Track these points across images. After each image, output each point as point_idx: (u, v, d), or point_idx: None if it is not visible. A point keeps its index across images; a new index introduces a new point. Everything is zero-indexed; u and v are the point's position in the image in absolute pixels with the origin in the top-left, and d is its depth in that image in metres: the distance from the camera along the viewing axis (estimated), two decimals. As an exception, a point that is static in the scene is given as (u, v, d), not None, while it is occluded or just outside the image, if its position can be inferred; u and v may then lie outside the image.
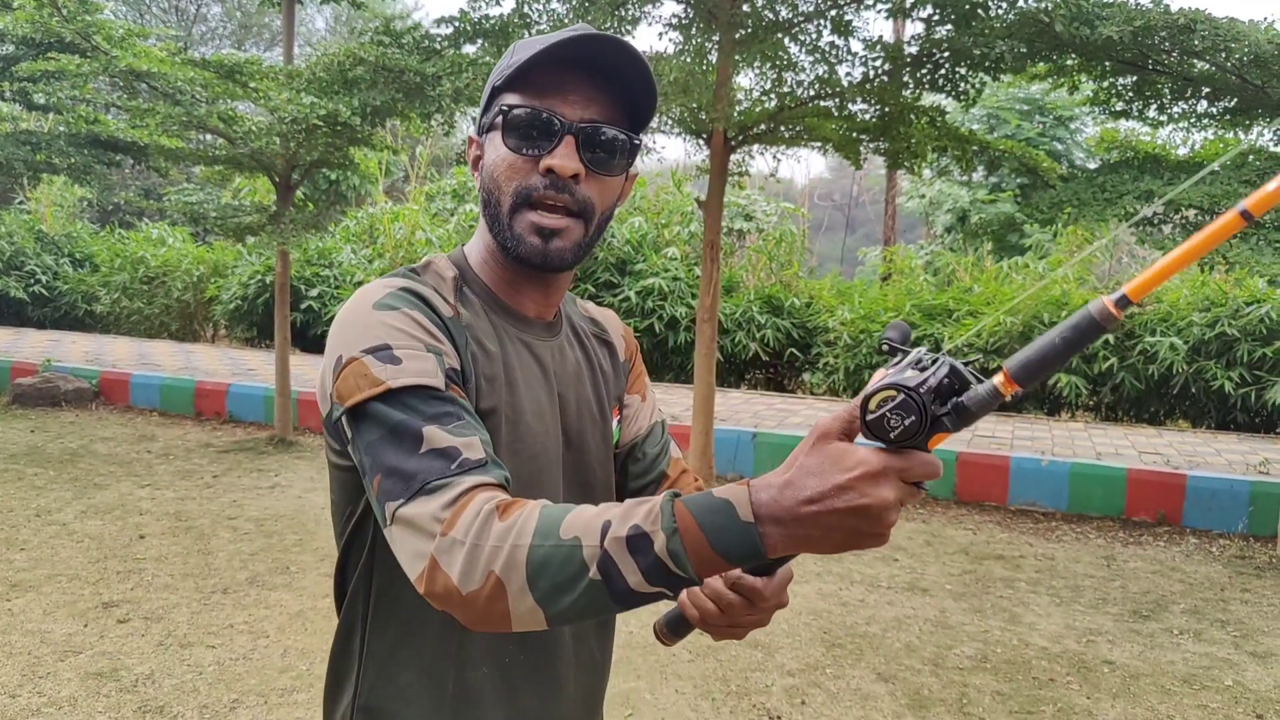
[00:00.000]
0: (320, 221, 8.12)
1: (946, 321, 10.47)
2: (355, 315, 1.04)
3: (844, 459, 0.81)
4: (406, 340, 1.01)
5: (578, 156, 1.09)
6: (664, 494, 0.87)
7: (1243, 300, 9.19)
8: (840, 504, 0.80)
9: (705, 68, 6.36)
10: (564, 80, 1.10)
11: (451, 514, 0.89)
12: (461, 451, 0.94)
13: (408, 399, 0.97)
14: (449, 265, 1.19)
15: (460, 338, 1.09)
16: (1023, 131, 16.20)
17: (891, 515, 0.81)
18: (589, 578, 0.84)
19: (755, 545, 0.82)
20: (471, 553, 0.87)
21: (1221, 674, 4.11)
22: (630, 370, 1.40)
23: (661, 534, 0.83)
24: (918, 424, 0.80)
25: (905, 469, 0.81)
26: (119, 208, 22.03)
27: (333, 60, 7.04)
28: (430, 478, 0.92)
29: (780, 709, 3.66)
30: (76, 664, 3.82)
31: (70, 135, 9.94)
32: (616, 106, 1.13)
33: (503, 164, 1.11)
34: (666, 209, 13.56)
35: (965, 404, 0.81)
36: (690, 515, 0.83)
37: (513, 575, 0.85)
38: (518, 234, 1.11)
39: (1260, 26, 5.17)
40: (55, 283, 16.26)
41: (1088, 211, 5.47)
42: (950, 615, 4.72)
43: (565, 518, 0.87)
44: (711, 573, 0.84)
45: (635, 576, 0.83)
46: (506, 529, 0.87)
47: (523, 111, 1.09)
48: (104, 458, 7.43)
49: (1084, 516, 6.58)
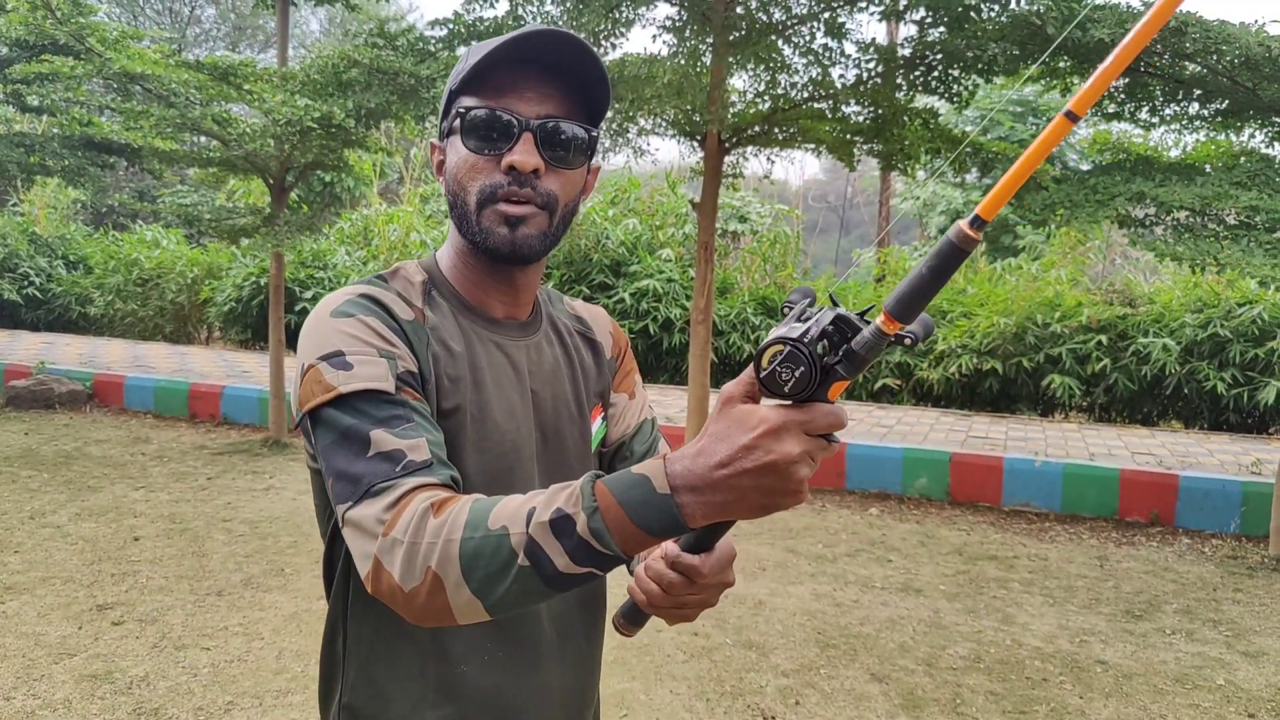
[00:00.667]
0: (315, 223, 8.12)
1: (940, 323, 10.50)
2: (315, 324, 1.08)
3: (747, 419, 0.83)
4: (359, 346, 1.04)
5: (537, 152, 1.12)
6: (586, 475, 0.89)
7: (1235, 301, 9.23)
8: (749, 463, 0.82)
9: (699, 70, 6.37)
10: (519, 79, 1.12)
11: (393, 515, 0.92)
12: (406, 454, 0.97)
13: (358, 403, 1.00)
14: (418, 270, 1.22)
15: (420, 340, 1.12)
16: (1016, 133, 16.24)
17: (801, 470, 0.82)
18: (518, 564, 0.86)
19: (674, 516, 0.84)
20: (409, 551, 0.90)
21: (1214, 673, 4.13)
22: (619, 367, 1.41)
23: (583, 514, 0.85)
24: (808, 374, 0.81)
25: (807, 421, 0.82)
26: (113, 210, 21.99)
27: (327, 62, 7.04)
28: (375, 480, 0.95)
29: (774, 709, 3.67)
30: (71, 666, 3.81)
31: (64, 137, 9.94)
32: (572, 101, 1.15)
33: (465, 165, 1.13)
34: (661, 211, 13.58)
35: (854, 349, 0.81)
36: (610, 493, 0.85)
37: (448, 569, 0.88)
38: (485, 227, 1.13)
39: (1251, 29, 5.20)
40: (49, 285, 16.23)
41: (1080, 213, 5.49)
42: (944, 616, 4.73)
43: (494, 509, 0.89)
44: (637, 548, 0.86)
45: (562, 558, 0.86)
46: (439, 525, 0.89)
47: (481, 112, 1.12)
48: (98, 460, 7.43)
49: (1077, 517, 6.61)
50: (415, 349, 1.10)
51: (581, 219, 12.92)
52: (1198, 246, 5.10)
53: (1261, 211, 5.08)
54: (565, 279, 12.40)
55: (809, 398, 0.82)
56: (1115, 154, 6.59)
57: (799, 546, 5.77)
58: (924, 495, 7.02)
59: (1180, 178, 5.59)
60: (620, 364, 1.42)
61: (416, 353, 1.10)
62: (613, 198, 13.86)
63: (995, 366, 9.75)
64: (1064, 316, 9.78)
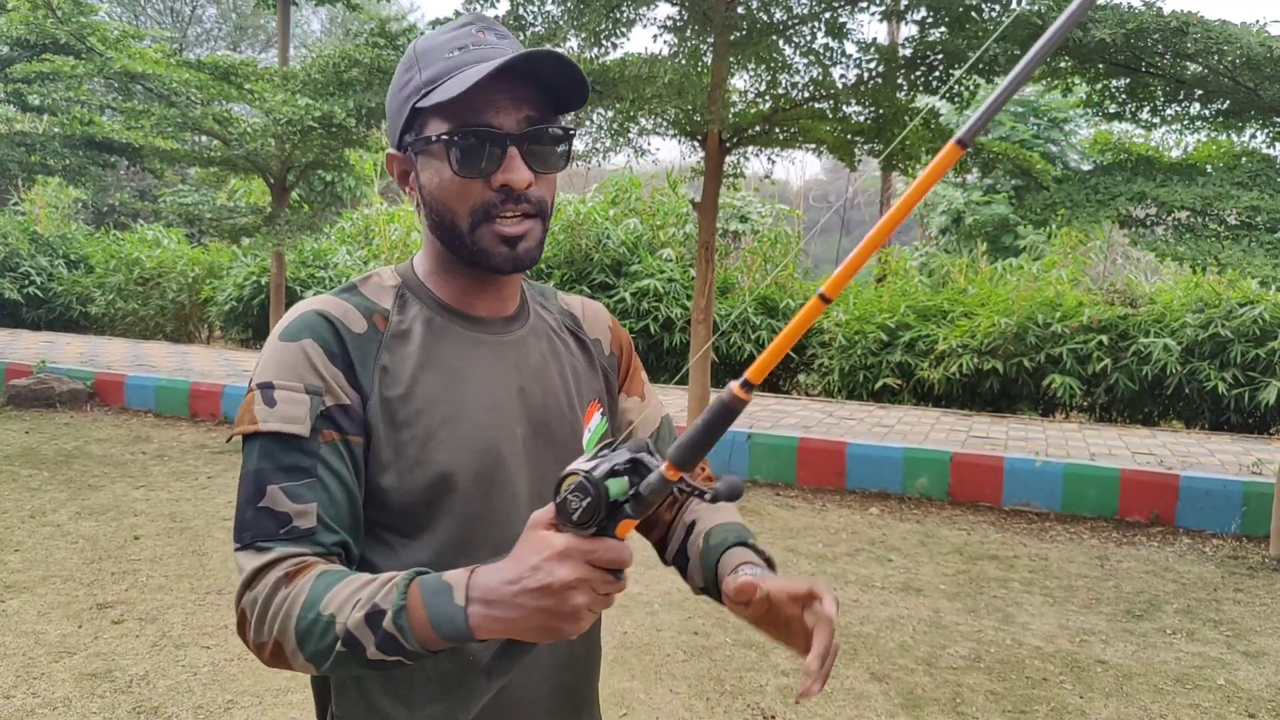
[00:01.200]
0: (315, 223, 8.13)
1: (941, 323, 10.49)
2: (269, 342, 1.12)
3: (539, 542, 0.90)
4: (289, 379, 1.07)
5: (526, 166, 1.11)
6: (408, 571, 0.96)
7: (1236, 301, 9.22)
8: (531, 583, 0.89)
9: (700, 70, 6.38)
10: (491, 88, 1.09)
11: (260, 576, 1.01)
12: (292, 519, 1.03)
13: (269, 446, 1.05)
14: (393, 275, 1.22)
15: (366, 354, 1.12)
16: (1017, 133, 16.23)
17: (577, 597, 0.89)
18: (338, 650, 0.95)
19: (460, 626, 0.92)
20: (260, 614, 0.99)
21: (1214, 673, 4.13)
22: (621, 366, 1.39)
23: (390, 611, 0.93)
24: (593, 505, 0.86)
25: (590, 551, 0.89)
26: (114, 209, 21.99)
27: (328, 62, 7.05)
28: (259, 538, 1.03)
29: (774, 708, 3.67)
30: (71, 665, 3.82)
31: (65, 137, 9.94)
32: (544, 99, 1.13)
33: (452, 187, 1.12)
34: (661, 210, 13.57)
35: (641, 491, 0.87)
36: (419, 594, 0.94)
37: (286, 639, 0.98)
38: (484, 248, 1.13)
39: (1252, 29, 5.19)
40: (50, 284, 16.23)
41: (1081, 213, 5.49)
42: (944, 615, 4.73)
43: (330, 591, 0.97)
44: (436, 648, 0.94)
45: (372, 648, 0.94)
46: (284, 597, 0.98)
47: (464, 135, 1.09)
48: (99, 459, 7.43)
49: (1078, 517, 6.60)
50: (357, 369, 1.11)
51: (581, 218, 12.92)
52: (1199, 246, 5.10)
53: (1262, 212, 5.08)
54: (566, 278, 12.41)
55: (598, 530, 0.88)
56: (1116, 154, 6.58)
57: (799, 546, 5.77)
58: (924, 495, 7.02)
59: (1181, 178, 5.59)
60: (624, 362, 1.40)
61: (357, 374, 1.11)
62: (614, 197, 13.86)
63: (996, 366, 9.75)
64: (1065, 316, 9.77)
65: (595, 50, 6.32)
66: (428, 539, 1.13)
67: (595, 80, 6.23)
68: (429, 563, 1.11)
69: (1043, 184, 6.46)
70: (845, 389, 10.81)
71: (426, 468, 1.11)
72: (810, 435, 7.69)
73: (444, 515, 1.13)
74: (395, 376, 1.13)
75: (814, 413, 9.42)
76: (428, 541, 1.13)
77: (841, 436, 7.75)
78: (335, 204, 17.02)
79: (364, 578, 0.98)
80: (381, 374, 1.12)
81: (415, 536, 1.13)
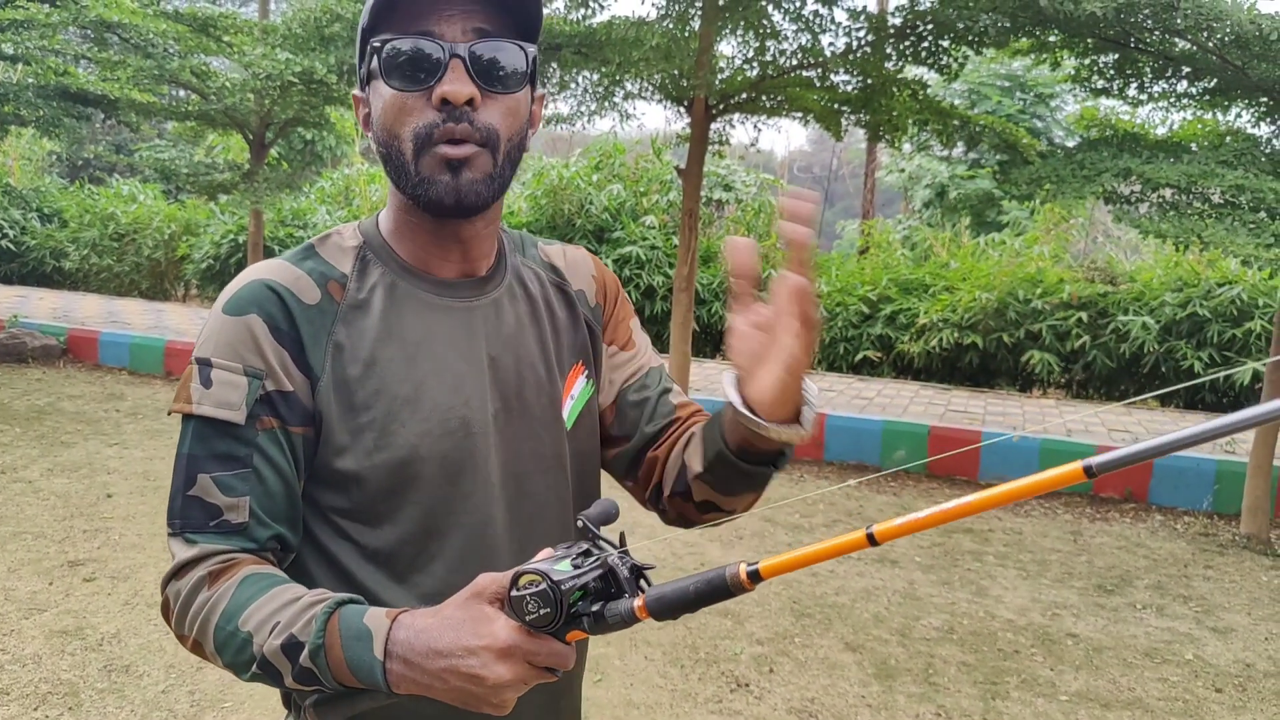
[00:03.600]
0: (295, 181, 8.02)
1: (922, 296, 10.51)
2: (212, 312, 1.05)
3: (481, 624, 0.85)
4: (229, 358, 1.01)
5: (470, 79, 0.99)
6: (327, 603, 0.91)
7: (1215, 281, 9.28)
8: (462, 666, 0.84)
9: (687, 34, 6.29)
10: (436, 1, 1.00)
11: (186, 569, 0.98)
12: (223, 512, 0.99)
13: (203, 430, 1.00)
14: (354, 234, 1.12)
15: (319, 330, 1.04)
16: (1003, 108, 16.20)
17: (506, 693, 0.85)
18: (254, 669, 0.92)
19: (377, 679, 0.87)
20: (181, 609, 0.98)
21: (1182, 648, 4.18)
22: (605, 315, 1.27)
23: (308, 646, 0.89)
24: (551, 615, 0.82)
25: (534, 653, 0.84)
26: (89, 163, 21.64)
27: (309, 16, 6.92)
28: (189, 527, 0.99)
29: (748, 676, 3.68)
30: (41, 622, 3.78)
31: (39, 87, 9.72)
32: (501, 17, 1.02)
33: (392, 109, 1.01)
34: (645, 177, 13.48)
35: (604, 614, 0.84)
36: (338, 634, 0.89)
37: (205, 641, 0.96)
38: (425, 176, 1.01)
39: (1243, 7, 5.17)
40: (23, 238, 15.98)
41: (1066, 188, 5.48)
42: (918, 587, 4.76)
43: (250, 606, 0.93)
44: (354, 686, 0.90)
45: (288, 677, 0.91)
46: (205, 600, 0.95)
47: (400, 44, 1.00)
48: (71, 415, 7.34)
49: (1053, 492, 6.65)
50: (307, 347, 1.03)
51: (564, 183, 12.82)
52: (1182, 224, 5.11)
53: (1246, 191, 5.08)
54: (548, 244, 12.33)
55: (549, 632, 0.84)
56: (1102, 130, 6.57)
57: (776, 516, 5.79)
58: (902, 468, 7.05)
59: (1167, 155, 5.58)
60: (608, 310, 1.27)
61: (307, 352, 1.03)
62: (597, 163, 13.75)
63: (976, 341, 9.78)
64: (1045, 293, 9.80)
65: (582, 11, 6.23)
66: (390, 528, 1.05)
67: (582, 42, 6.14)
68: (393, 552, 1.05)
69: (1028, 159, 6.44)
70: (825, 361, 10.83)
71: (387, 452, 1.03)
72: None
73: (408, 503, 1.05)
74: (352, 353, 1.04)
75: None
76: (390, 530, 1.05)
77: (820, 408, 7.75)
78: (315, 163, 16.82)
79: (285, 594, 0.93)
80: (335, 351, 1.04)
81: (377, 525, 1.05)
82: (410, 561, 1.06)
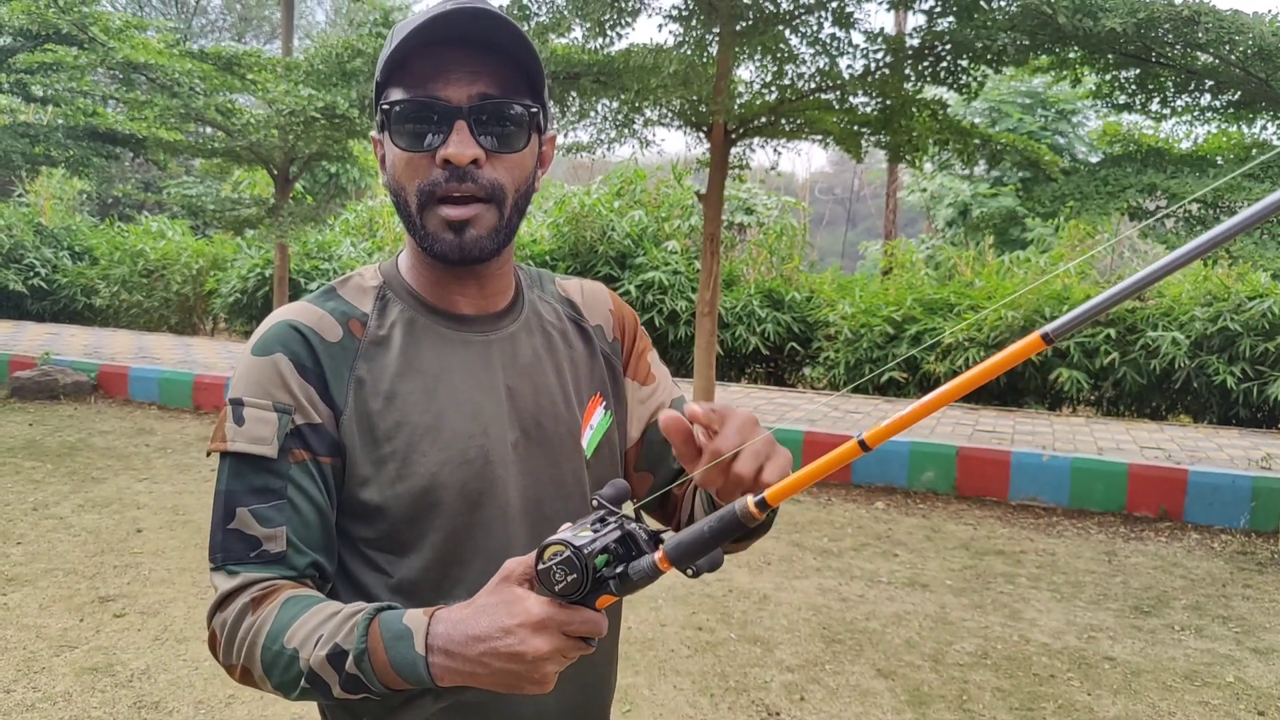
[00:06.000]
0: (319, 214, 8.10)
1: (948, 316, 10.44)
2: (243, 355, 1.09)
3: (514, 604, 0.88)
4: (259, 396, 1.05)
5: (474, 140, 1.04)
6: (367, 610, 0.95)
7: (1245, 295, 9.15)
8: (501, 647, 0.87)
9: (705, 60, 6.32)
10: (442, 61, 1.04)
11: (230, 600, 1.02)
12: (262, 543, 1.03)
13: (238, 466, 1.04)
14: (375, 275, 1.17)
15: (341, 365, 1.08)
16: (1024, 125, 16.14)
17: (547, 666, 0.88)
18: (302, 685, 0.95)
19: (421, 674, 0.90)
20: (228, 638, 1.01)
21: (1223, 670, 4.09)
22: (624, 350, 1.30)
23: (352, 653, 0.92)
24: (579, 581, 0.85)
25: (567, 623, 0.87)
26: (118, 201, 21.97)
27: (331, 52, 7.01)
28: (230, 559, 1.03)
29: (779, 705, 3.63)
30: (72, 659, 3.80)
31: (68, 127, 9.91)
32: (507, 77, 1.06)
33: (400, 164, 1.07)
34: (666, 202, 13.51)
35: (629, 573, 0.87)
36: (379, 637, 0.92)
37: (253, 667, 0.99)
38: (430, 232, 1.07)
39: (1265, 19, 5.13)
40: (54, 276, 16.22)
41: (1090, 205, 5.44)
42: (950, 611, 4.70)
43: (293, 624, 0.96)
44: (402, 689, 0.93)
45: (336, 687, 0.94)
46: (250, 625, 0.99)
47: (406, 105, 1.04)
48: (102, 451, 7.41)
49: (1085, 512, 6.56)
50: (330, 382, 1.07)
51: (586, 210, 12.88)
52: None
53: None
54: (570, 270, 12.37)
55: (578, 601, 0.88)
56: (1125, 146, 6.53)
57: (804, 540, 5.74)
58: (930, 489, 6.98)
59: (1192, 170, 5.53)
60: (626, 345, 1.30)
61: (330, 387, 1.07)
62: (618, 189, 13.80)
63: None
64: (1072, 309, 9.70)
65: (600, 40, 6.28)
66: (415, 556, 1.09)
67: (600, 71, 6.18)
68: (418, 580, 1.09)
69: (1051, 176, 6.40)
70: (850, 382, 10.77)
71: (409, 482, 1.07)
72: (816, 429, 7.65)
73: (431, 531, 1.09)
74: (373, 388, 1.09)
75: (820, 406, 9.38)
76: (415, 559, 1.09)
77: (847, 430, 7.70)
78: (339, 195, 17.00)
79: (327, 609, 0.97)
80: (357, 386, 1.08)
81: (402, 554, 1.09)
82: (435, 588, 1.09)
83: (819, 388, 11.27)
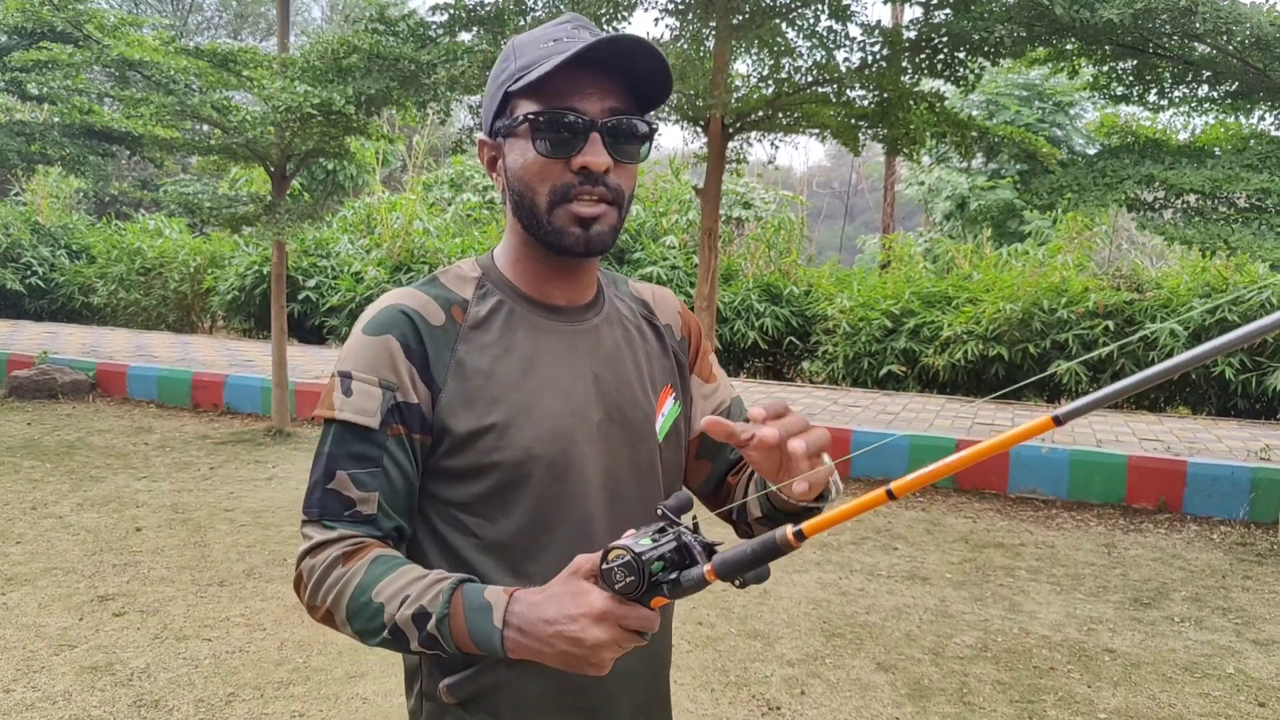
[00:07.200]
0: (316, 211, 8.07)
1: (946, 309, 10.43)
2: (353, 331, 1.21)
3: (581, 595, 1.01)
4: (366, 370, 1.17)
5: (606, 151, 1.16)
6: (452, 579, 1.08)
7: (1243, 287, 9.15)
8: (566, 631, 1.00)
9: (702, 54, 6.30)
10: (578, 77, 1.15)
11: (322, 548, 1.14)
12: (356, 505, 1.15)
13: (342, 433, 1.17)
14: (474, 267, 1.29)
15: (444, 347, 1.20)
16: (1022, 117, 16.12)
17: (604, 653, 1.00)
18: (384, 635, 1.09)
19: (495, 645, 1.04)
20: (317, 582, 1.13)
21: (1223, 662, 4.09)
22: (691, 349, 1.44)
23: (434, 617, 1.05)
24: (636, 584, 0.97)
25: (624, 617, 0.99)
26: (115, 199, 21.94)
27: (326, 48, 6.98)
28: (326, 515, 1.16)
29: (779, 699, 3.63)
30: (71, 658, 3.79)
31: (64, 126, 9.86)
32: (629, 94, 1.19)
33: (534, 167, 1.17)
34: (664, 197, 13.52)
35: (680, 580, 0.98)
36: (461, 606, 1.05)
37: (336, 611, 1.12)
38: (559, 227, 1.18)
39: (1262, 8, 5.12)
40: (52, 274, 16.20)
41: (1088, 197, 5.43)
42: (950, 604, 4.70)
43: (382, 581, 1.09)
44: (471, 652, 1.06)
45: (414, 643, 1.07)
46: (340, 575, 1.11)
47: (549, 116, 1.15)
48: (101, 450, 7.41)
49: (1084, 504, 6.56)
50: (431, 363, 1.18)
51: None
52: (1208, 230, 5.05)
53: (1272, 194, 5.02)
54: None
55: (634, 599, 0.99)
56: (1123, 137, 6.51)
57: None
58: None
59: (1190, 160, 5.52)
60: (693, 345, 1.44)
61: (431, 368, 1.18)
62: (616, 184, 13.78)
63: (1001, 353, 9.70)
64: (1070, 302, 9.71)
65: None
66: (505, 522, 1.20)
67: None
68: (507, 543, 1.21)
69: (1048, 168, 6.39)
70: (850, 376, 10.77)
71: (504, 453, 1.18)
72: (814, 423, 7.63)
73: (522, 499, 1.20)
74: (473, 367, 1.20)
75: (818, 400, 9.38)
76: (505, 523, 1.20)
77: (846, 424, 7.71)
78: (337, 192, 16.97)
79: (413, 572, 1.09)
80: (457, 366, 1.20)
81: (493, 519, 1.20)
82: (523, 551, 1.21)
83: (818, 381, 11.26)
